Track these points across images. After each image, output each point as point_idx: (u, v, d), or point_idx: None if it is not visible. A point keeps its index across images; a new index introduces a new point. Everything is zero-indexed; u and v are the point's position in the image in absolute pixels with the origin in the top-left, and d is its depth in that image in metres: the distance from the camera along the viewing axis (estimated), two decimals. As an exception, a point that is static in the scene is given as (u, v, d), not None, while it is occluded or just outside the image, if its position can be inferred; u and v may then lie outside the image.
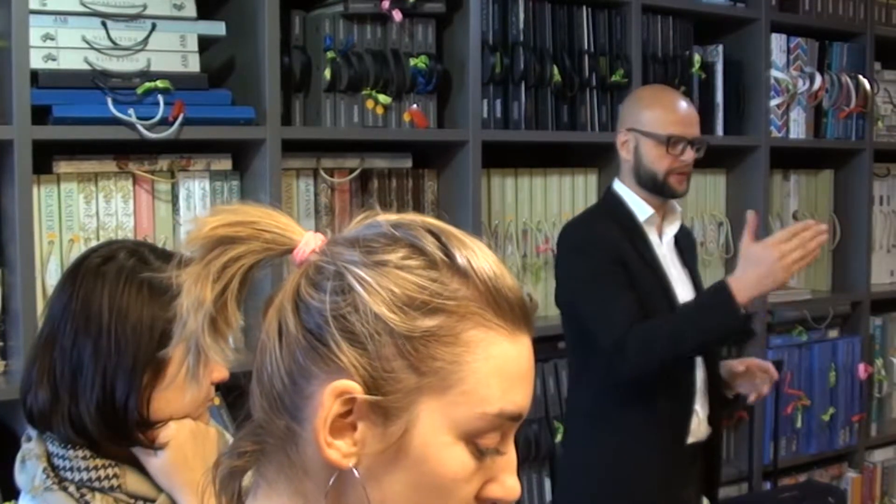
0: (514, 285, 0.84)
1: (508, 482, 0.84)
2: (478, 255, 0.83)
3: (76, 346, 1.23)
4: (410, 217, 0.86)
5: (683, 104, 2.38)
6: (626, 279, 2.25)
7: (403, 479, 0.81)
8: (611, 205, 2.41)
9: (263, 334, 0.84)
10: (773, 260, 2.14)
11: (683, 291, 2.39)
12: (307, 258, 0.84)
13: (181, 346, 1.20)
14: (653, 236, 2.38)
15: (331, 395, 0.79)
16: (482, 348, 0.81)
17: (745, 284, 2.15)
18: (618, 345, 2.19)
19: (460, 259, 0.82)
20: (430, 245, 0.82)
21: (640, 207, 2.37)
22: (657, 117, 2.34)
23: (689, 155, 2.34)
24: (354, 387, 0.79)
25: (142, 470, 1.27)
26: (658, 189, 2.35)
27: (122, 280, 1.23)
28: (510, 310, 0.82)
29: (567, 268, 2.37)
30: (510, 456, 0.85)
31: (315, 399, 0.80)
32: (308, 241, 0.85)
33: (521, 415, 0.83)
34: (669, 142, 2.32)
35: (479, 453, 0.81)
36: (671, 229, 2.43)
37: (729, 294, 2.15)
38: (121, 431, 1.22)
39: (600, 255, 2.28)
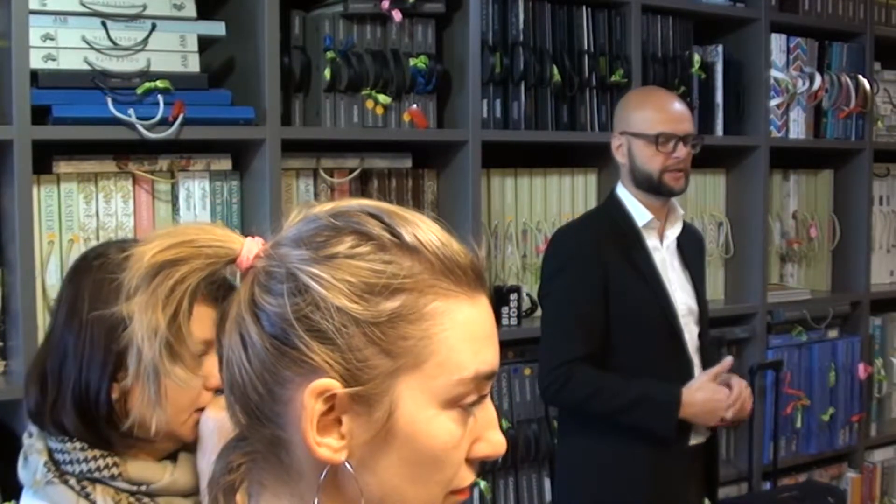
0: (461, 250, 0.85)
1: (494, 438, 0.86)
2: (422, 228, 0.83)
3: (62, 339, 1.25)
4: (346, 203, 0.86)
5: (672, 102, 2.39)
6: (601, 303, 2.28)
7: (397, 460, 0.82)
8: (611, 209, 2.42)
9: (227, 349, 0.84)
10: (718, 407, 2.29)
11: (683, 296, 2.40)
12: (252, 264, 0.84)
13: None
14: (653, 241, 2.38)
15: (311, 396, 0.79)
16: (447, 317, 0.82)
17: (690, 406, 2.27)
18: (560, 373, 2.26)
19: (407, 236, 0.82)
20: (375, 228, 0.82)
21: (640, 212, 2.38)
22: (645, 117, 2.35)
23: (682, 151, 2.34)
24: (332, 384, 0.80)
25: (140, 458, 1.27)
26: (655, 189, 2.36)
27: (105, 275, 1.24)
28: (464, 274, 0.84)
29: (546, 278, 2.41)
30: (491, 413, 0.87)
31: (294, 403, 0.81)
32: (250, 248, 0.85)
33: (494, 371, 0.86)
34: (658, 140, 2.33)
35: (464, 413, 0.83)
36: (673, 232, 2.43)
37: (676, 408, 2.26)
38: (93, 425, 1.23)
39: (579, 274, 2.30)
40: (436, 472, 0.83)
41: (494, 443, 0.86)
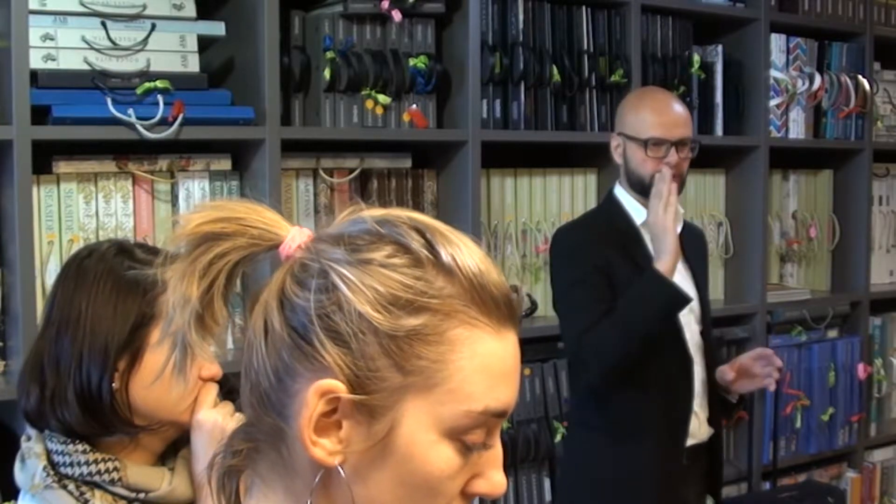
0: (499, 281, 0.83)
1: (495, 477, 0.85)
2: (463, 252, 0.82)
3: (59, 335, 1.26)
4: (396, 213, 0.85)
5: (668, 106, 2.36)
6: (607, 288, 2.26)
7: (389, 477, 0.81)
8: (609, 208, 2.41)
9: (250, 332, 0.85)
10: (662, 213, 2.26)
11: None
12: (293, 254, 0.84)
13: (157, 333, 1.24)
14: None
15: (315, 395, 0.79)
16: (467, 346, 0.81)
17: (660, 255, 2.24)
18: (577, 354, 2.24)
19: (445, 256, 0.81)
20: (415, 242, 0.82)
21: (638, 211, 2.37)
22: (640, 121, 2.34)
23: (674, 157, 2.31)
24: (338, 386, 0.79)
25: (140, 462, 1.28)
26: (647, 192, 2.34)
27: (99, 270, 1.27)
28: (496, 307, 0.82)
29: (553, 274, 2.40)
30: (496, 451, 0.85)
31: (300, 397, 0.81)
32: (294, 237, 0.85)
33: (507, 411, 0.84)
34: (648, 145, 2.31)
35: (466, 449, 0.82)
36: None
37: (654, 271, 2.22)
38: (98, 417, 1.24)
39: (582, 262, 2.29)
40: (427, 498, 0.82)
41: (494, 482, 0.85)
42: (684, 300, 2.24)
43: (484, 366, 0.81)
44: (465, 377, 0.80)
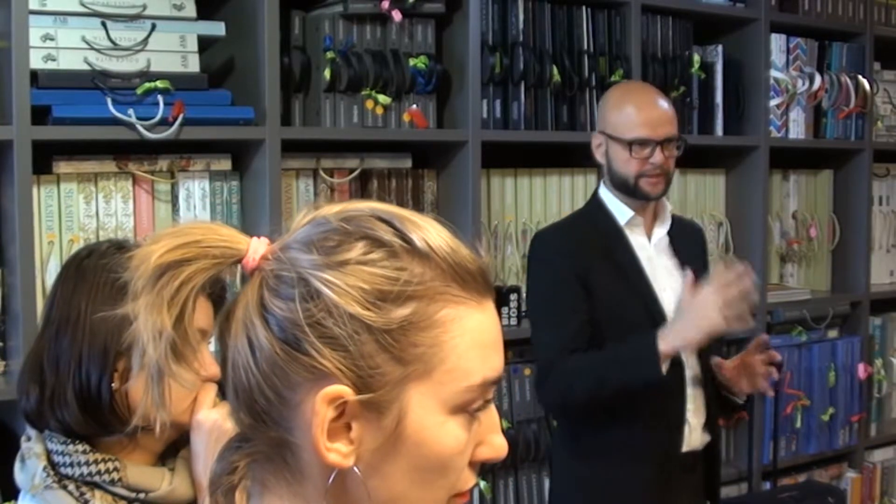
0: (470, 255, 0.85)
1: (496, 441, 0.87)
2: (432, 234, 0.83)
3: (58, 335, 1.26)
4: (355, 206, 0.86)
5: (652, 104, 2.28)
6: (583, 300, 2.21)
7: (403, 465, 0.82)
8: (593, 210, 2.35)
9: (232, 350, 0.84)
10: (714, 304, 2.06)
11: (671, 294, 2.28)
12: (258, 265, 0.84)
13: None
14: (638, 238, 2.31)
15: (323, 403, 0.79)
16: (456, 325, 0.82)
17: (675, 334, 2.10)
18: (542, 373, 2.20)
19: (418, 242, 0.82)
20: (386, 234, 0.82)
21: (620, 210, 2.30)
22: (622, 120, 2.26)
23: (658, 157, 2.24)
24: (344, 390, 0.79)
25: (140, 462, 1.28)
26: (631, 192, 2.28)
27: (99, 270, 1.27)
28: (473, 280, 0.84)
29: (529, 278, 2.36)
30: (492, 416, 0.87)
31: (304, 408, 0.81)
32: (256, 248, 0.84)
33: (500, 377, 0.86)
34: (632, 146, 2.24)
35: (471, 418, 0.84)
36: (661, 229, 2.35)
37: (654, 347, 2.09)
38: (98, 417, 1.24)
39: (559, 269, 2.24)
40: (441, 476, 0.83)
41: (496, 446, 0.87)
42: (657, 377, 2.12)
43: (475, 340, 0.83)
44: (460, 355, 0.82)
